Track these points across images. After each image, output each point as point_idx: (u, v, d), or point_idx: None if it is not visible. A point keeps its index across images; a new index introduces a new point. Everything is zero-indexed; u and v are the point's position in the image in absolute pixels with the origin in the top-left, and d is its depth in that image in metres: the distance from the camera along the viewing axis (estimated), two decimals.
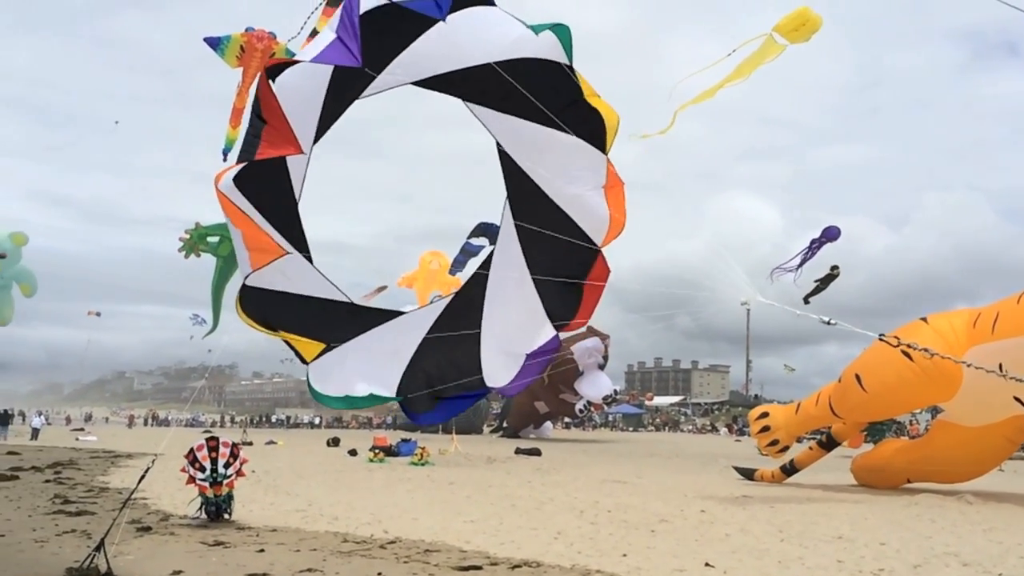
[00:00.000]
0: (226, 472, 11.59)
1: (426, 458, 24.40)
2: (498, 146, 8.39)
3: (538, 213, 8.36)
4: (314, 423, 72.77)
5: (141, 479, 9.01)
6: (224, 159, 14.28)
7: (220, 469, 11.54)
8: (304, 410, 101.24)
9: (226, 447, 11.74)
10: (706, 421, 77.94)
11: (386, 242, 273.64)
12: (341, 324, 8.02)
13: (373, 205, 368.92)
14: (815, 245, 23.44)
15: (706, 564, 9.00)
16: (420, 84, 7.71)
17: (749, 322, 79.08)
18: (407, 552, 9.47)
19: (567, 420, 59.25)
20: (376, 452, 26.05)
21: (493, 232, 9.07)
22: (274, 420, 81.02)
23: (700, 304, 9.20)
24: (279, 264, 7.34)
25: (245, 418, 74.32)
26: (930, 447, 18.21)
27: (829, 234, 23.64)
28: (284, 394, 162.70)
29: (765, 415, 19.29)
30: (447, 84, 7.77)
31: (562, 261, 8.38)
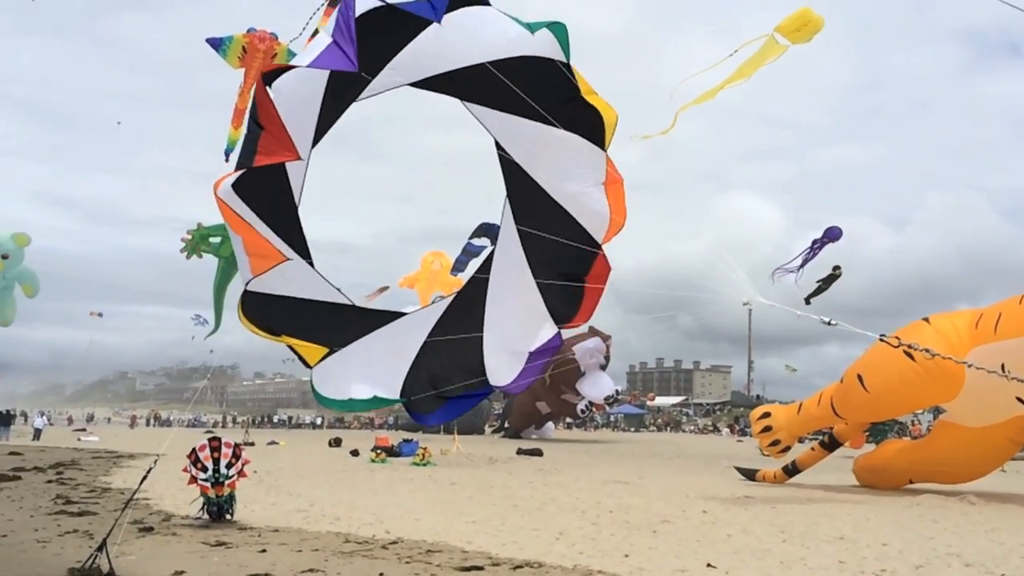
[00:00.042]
0: (228, 472, 11.61)
1: (428, 458, 24.38)
2: (497, 145, 8.38)
3: (538, 211, 8.36)
4: (316, 423, 72.73)
5: (143, 479, 9.04)
6: (226, 160, 14.27)
7: (222, 469, 11.57)
8: (306, 410, 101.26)
9: (228, 447, 11.76)
10: (708, 422, 77.78)
11: (388, 243, 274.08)
12: (343, 327, 8.02)
13: (374, 206, 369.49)
14: (816, 246, 23.43)
15: (708, 565, 8.99)
16: (417, 85, 7.70)
17: (751, 322, 79.03)
18: (409, 552, 9.47)
19: (569, 420, 59.25)
20: (378, 452, 26.06)
21: (495, 232, 9.06)
22: (276, 420, 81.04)
23: (702, 304, 9.22)
24: (280, 269, 7.35)
25: (247, 418, 74.23)
26: (932, 448, 18.20)
27: (831, 234, 23.63)
28: (286, 394, 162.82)
29: (767, 415, 19.27)
30: (444, 84, 7.77)
31: (563, 259, 8.38)
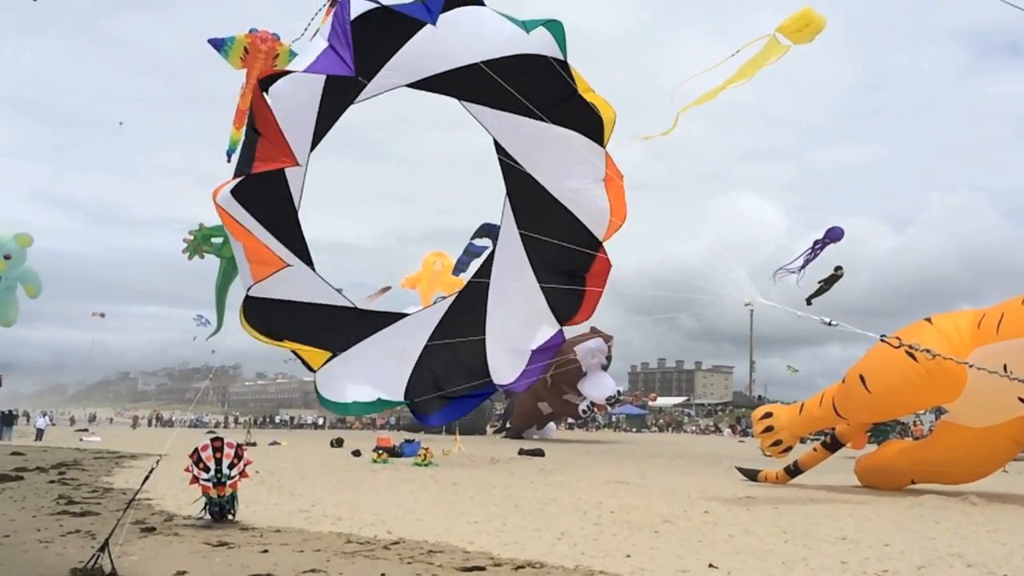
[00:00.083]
0: (230, 473, 11.63)
1: (429, 459, 24.37)
2: (495, 143, 8.38)
3: (538, 209, 8.35)
4: (318, 424, 72.79)
5: (145, 480, 9.06)
6: (228, 160, 14.30)
7: (224, 470, 11.58)
8: (308, 411, 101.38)
9: (231, 448, 11.78)
10: (710, 422, 77.69)
11: (389, 243, 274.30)
12: (346, 330, 8.02)
13: (376, 206, 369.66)
14: (818, 246, 23.43)
15: (710, 565, 8.99)
16: (414, 86, 7.69)
17: (752, 323, 78.96)
18: (411, 553, 9.48)
19: (570, 421, 59.21)
20: (380, 453, 26.06)
21: (496, 233, 9.06)
22: (278, 421, 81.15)
23: (703, 305, 9.22)
24: (281, 274, 7.36)
25: (249, 419, 74.25)
26: (934, 448, 18.18)
27: (832, 235, 23.62)
28: (288, 395, 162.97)
29: (769, 415, 19.26)
30: (442, 84, 7.75)
31: (564, 257, 8.37)
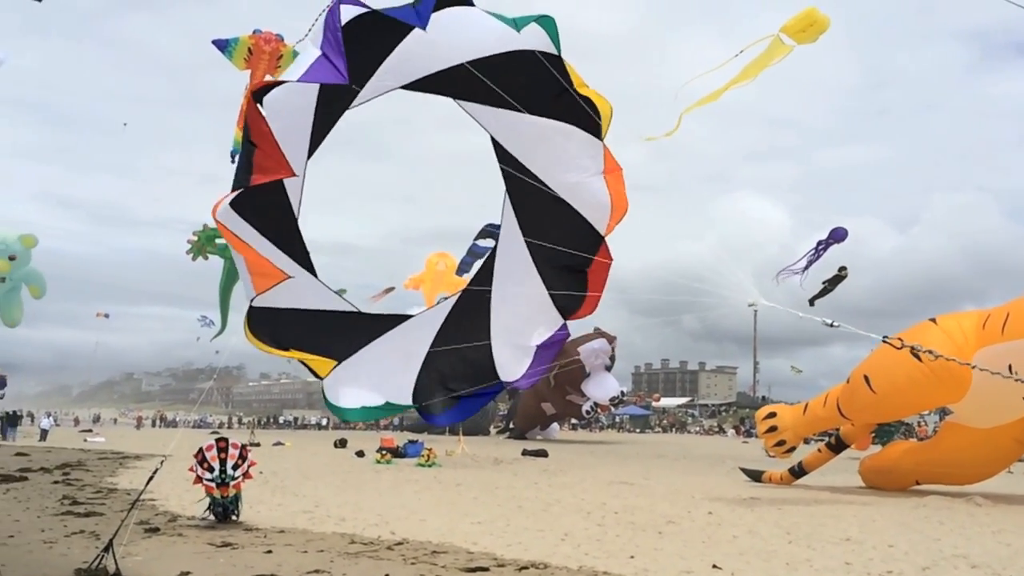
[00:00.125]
0: (234, 473, 11.64)
1: (433, 459, 24.39)
2: (493, 141, 8.36)
3: (539, 204, 8.34)
4: (321, 424, 72.80)
5: (149, 480, 9.06)
6: (232, 161, 14.33)
7: (228, 470, 11.59)
8: (311, 411, 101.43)
9: (235, 448, 11.79)
10: (713, 422, 77.69)
11: (392, 243, 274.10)
12: (351, 334, 8.02)
13: (379, 206, 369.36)
14: (821, 247, 23.44)
15: (714, 566, 8.98)
16: (409, 87, 7.68)
17: (756, 324, 78.85)
18: (414, 553, 9.48)
19: (574, 421, 59.21)
20: (383, 453, 26.06)
21: (499, 233, 9.06)
22: (281, 421, 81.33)
23: (707, 306, 9.21)
24: (283, 284, 7.38)
25: (253, 419, 74.40)
26: (939, 449, 18.15)
27: (836, 235, 23.65)
28: (291, 395, 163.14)
29: (772, 415, 19.21)
30: (436, 85, 7.74)
31: (566, 251, 8.37)
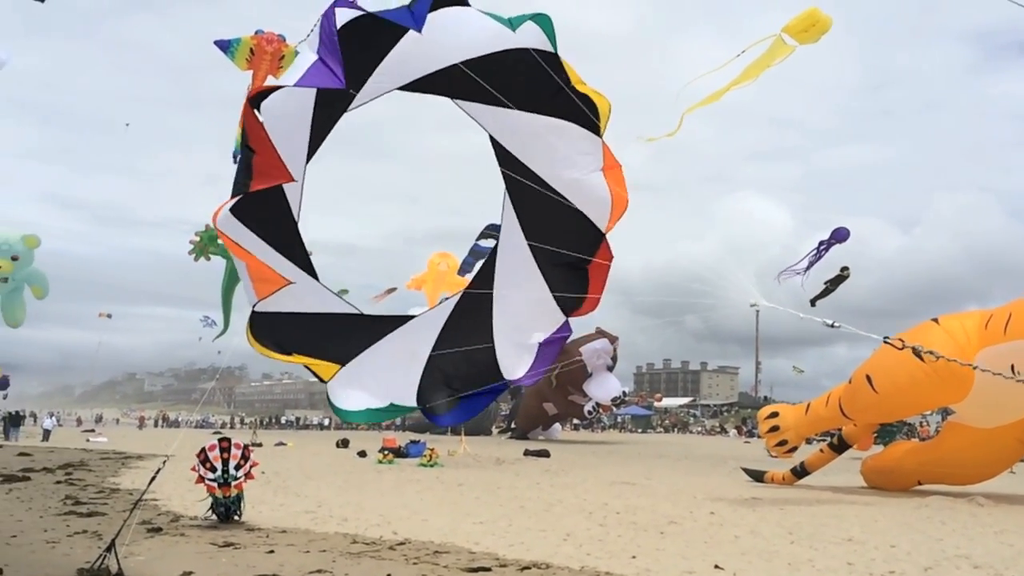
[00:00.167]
0: (236, 474, 11.65)
1: (435, 459, 24.39)
2: (492, 140, 8.36)
3: (539, 202, 8.34)
4: (323, 424, 72.77)
5: (152, 480, 9.08)
6: (234, 161, 14.33)
7: (231, 470, 11.61)
8: (313, 411, 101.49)
9: (237, 448, 11.80)
10: (715, 423, 77.57)
11: (395, 244, 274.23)
12: (353, 337, 8.03)
13: (382, 207, 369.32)
14: (823, 247, 23.42)
15: (716, 566, 8.98)
16: (406, 88, 7.68)
17: (758, 324, 78.76)
18: (416, 553, 9.48)
19: (576, 422, 59.16)
20: (385, 453, 26.06)
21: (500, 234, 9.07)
22: (284, 421, 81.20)
23: (709, 307, 9.22)
24: (285, 289, 7.39)
25: (255, 419, 74.44)
26: (941, 449, 18.12)
27: (838, 235, 23.63)
28: (293, 395, 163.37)
29: (775, 415, 19.19)
30: (433, 85, 7.74)
31: (567, 248, 8.37)
